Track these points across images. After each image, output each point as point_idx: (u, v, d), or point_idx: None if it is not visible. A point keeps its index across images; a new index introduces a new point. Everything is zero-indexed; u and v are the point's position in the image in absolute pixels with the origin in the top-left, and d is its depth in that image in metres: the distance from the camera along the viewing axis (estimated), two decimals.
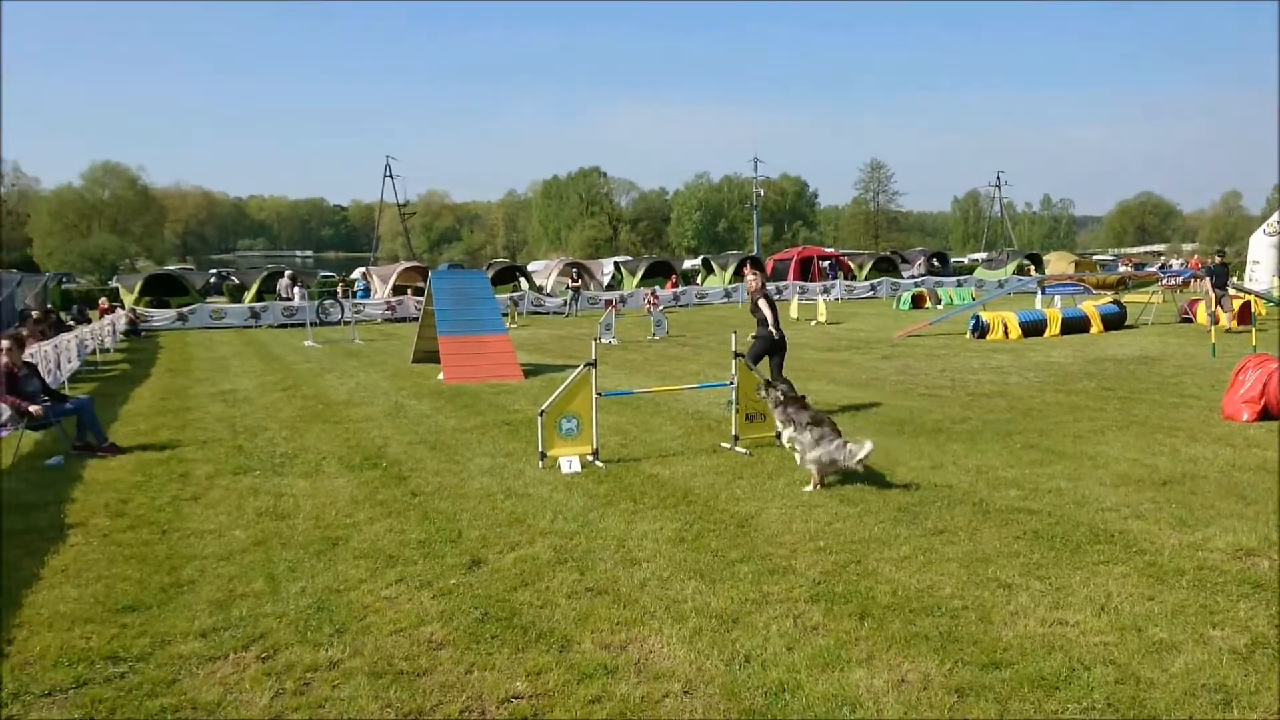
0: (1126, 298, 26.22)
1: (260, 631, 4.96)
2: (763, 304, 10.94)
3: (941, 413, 11.12)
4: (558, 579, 5.66)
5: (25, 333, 16.42)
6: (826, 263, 46.11)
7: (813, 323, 26.47)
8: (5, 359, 10.15)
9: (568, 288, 36.96)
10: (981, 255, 71.82)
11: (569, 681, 4.30)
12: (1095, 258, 70.12)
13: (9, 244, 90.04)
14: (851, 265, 47.38)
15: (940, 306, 31.63)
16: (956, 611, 4.96)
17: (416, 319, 21.03)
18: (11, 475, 9.07)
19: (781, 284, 41.34)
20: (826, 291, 38.93)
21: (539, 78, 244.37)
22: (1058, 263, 48.74)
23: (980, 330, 20.65)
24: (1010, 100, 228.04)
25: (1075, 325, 21.16)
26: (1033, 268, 47.42)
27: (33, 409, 9.89)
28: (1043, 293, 27.63)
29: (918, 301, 32.65)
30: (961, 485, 7.63)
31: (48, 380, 12.23)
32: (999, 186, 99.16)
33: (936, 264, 51.29)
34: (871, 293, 41.85)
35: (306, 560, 6.14)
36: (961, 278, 46.26)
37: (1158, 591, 5.17)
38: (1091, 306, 22.20)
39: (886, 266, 47.34)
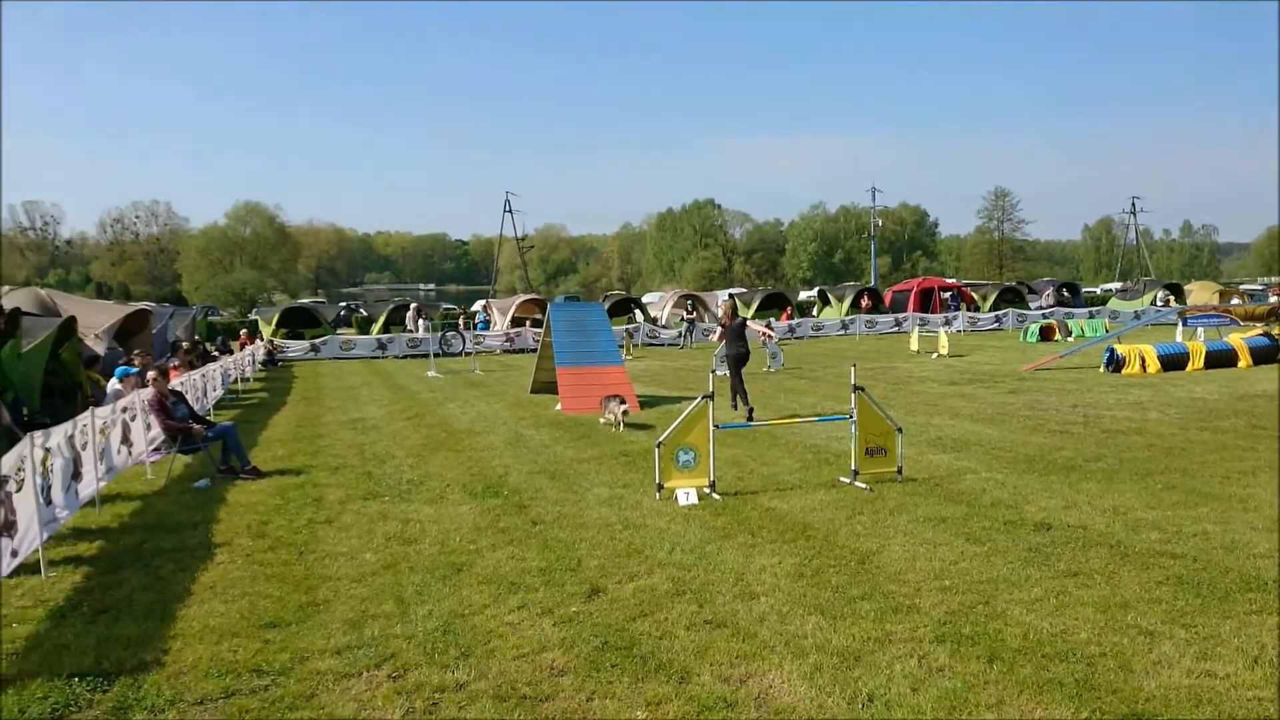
0: (1278, 330, 24.61)
1: (391, 651, 5.14)
2: (754, 324, 11.32)
3: (1074, 450, 10.67)
4: (676, 610, 5.68)
5: (175, 363, 17.57)
6: (948, 294, 44.97)
7: (934, 355, 25.82)
8: (154, 388, 10.90)
9: (682, 319, 37.13)
10: (1115, 285, 68.79)
11: (689, 713, 4.31)
12: (1243, 287, 66.12)
13: (163, 279, 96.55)
14: (975, 296, 46.05)
15: (1071, 339, 30.38)
16: (1093, 658, 4.74)
17: (535, 350, 21.49)
18: (165, 496, 9.67)
19: (900, 315, 40.52)
20: (948, 323, 37.92)
21: (653, 112, 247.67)
22: (1200, 292, 46.18)
23: (1115, 364, 19.75)
24: (1145, 123, 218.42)
25: (1221, 359, 19.98)
26: (1172, 298, 45.09)
27: (194, 427, 10.58)
28: (1184, 324, 26.22)
29: (1046, 334, 31.44)
30: (1097, 526, 7.30)
31: (195, 407, 13.03)
32: (1134, 213, 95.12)
33: (1066, 294, 49.35)
34: (996, 324, 40.54)
35: (433, 584, 6.33)
36: (1094, 309, 44.36)
37: None
38: (1239, 339, 20.95)
39: (1012, 297, 45.82)
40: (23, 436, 6.74)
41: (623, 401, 13.63)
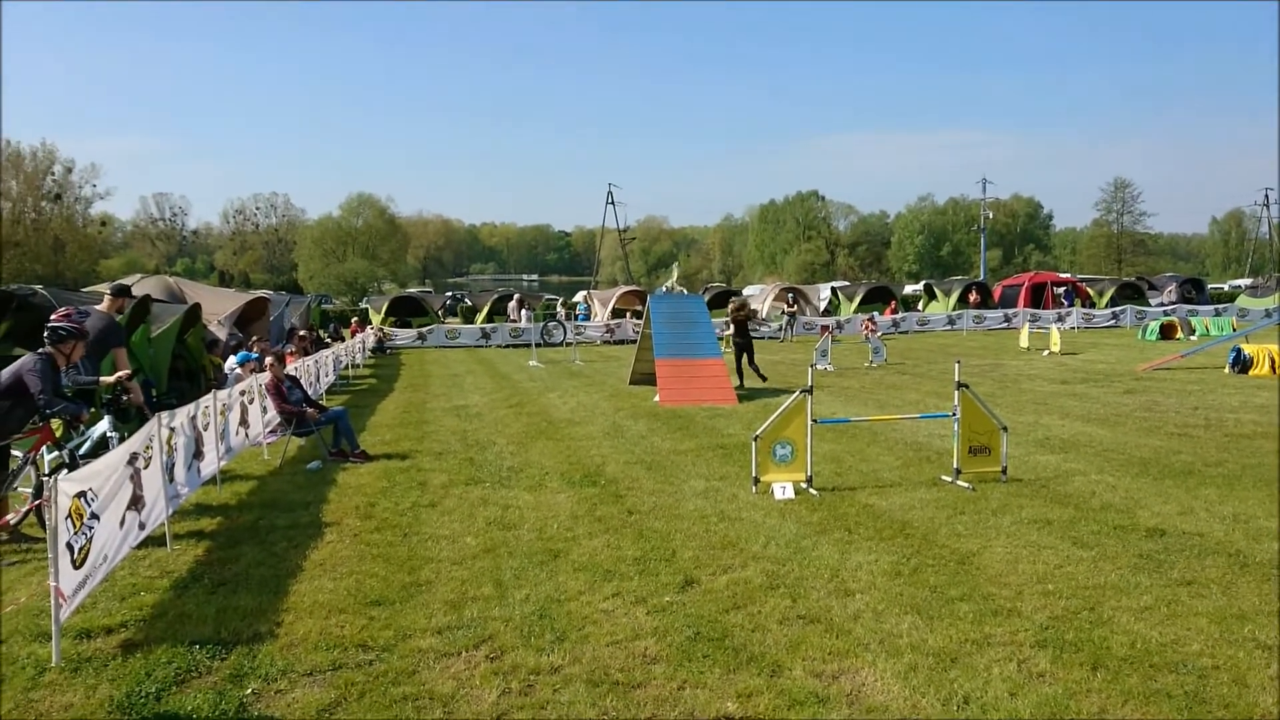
0: None
1: (489, 633, 5.29)
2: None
3: (1193, 454, 10.19)
4: (769, 604, 5.67)
5: (291, 349, 18.33)
6: (1062, 289, 43.30)
7: (1045, 353, 24.93)
8: (271, 373, 11.41)
9: (783, 313, 36.76)
10: (1245, 281, 65.10)
11: (780, 706, 4.31)
12: None
13: (280, 268, 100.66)
14: (1090, 292, 44.22)
15: (1194, 337, 28.92)
16: (1205, 671, 4.55)
17: (634, 342, 21.63)
18: (279, 476, 10.13)
19: (1010, 311, 39.23)
20: (1061, 320, 36.53)
21: (758, 104, 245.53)
22: None
23: (1242, 364, 18.72)
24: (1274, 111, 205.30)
25: None
26: None
27: (308, 411, 11.06)
28: None
29: (1167, 332, 30.00)
30: (1215, 534, 6.97)
31: (309, 392, 13.58)
32: (1266, 205, 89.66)
33: (1190, 291, 46.95)
34: (1113, 322, 38.87)
35: (530, 569, 6.48)
36: (1220, 306, 42.05)
37: None
38: None
39: (1131, 293, 43.83)
40: (151, 417, 7.16)
41: None
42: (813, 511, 7.92)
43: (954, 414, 9.03)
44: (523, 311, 37.50)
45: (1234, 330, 27.72)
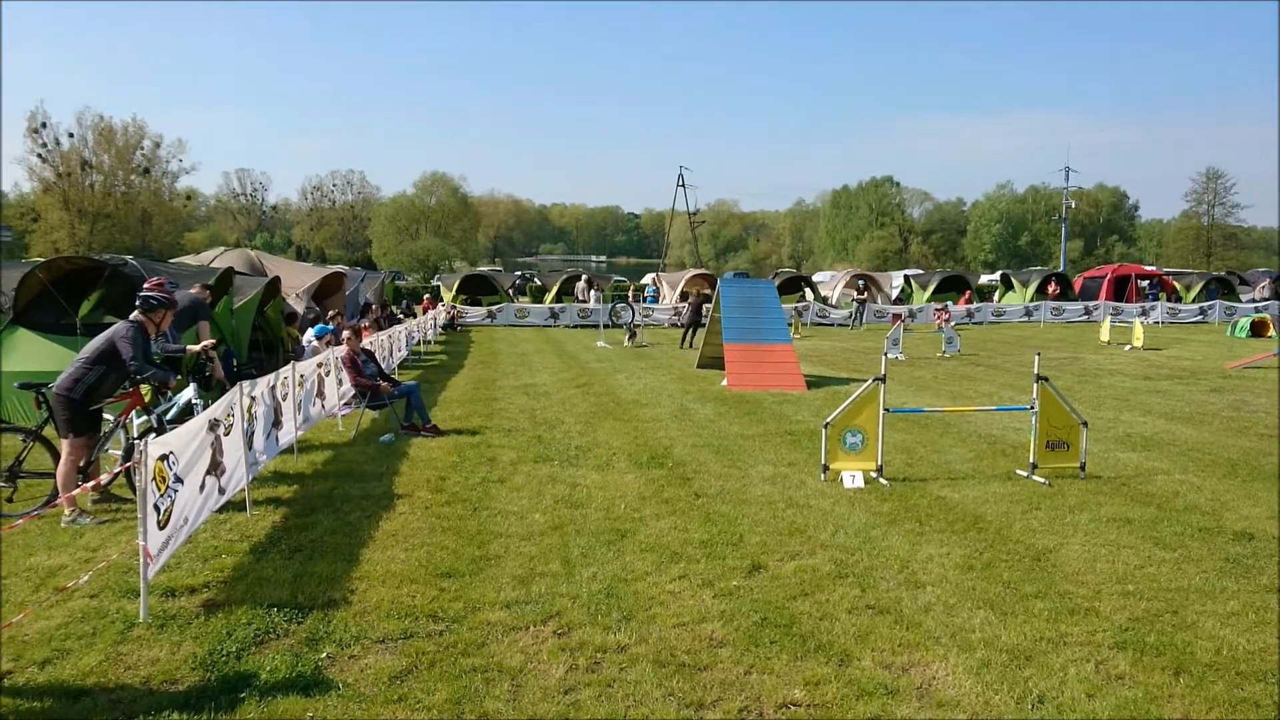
0: None
1: (556, 609, 5.34)
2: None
3: None
4: (838, 593, 5.61)
5: (365, 324, 18.69)
6: (1146, 282, 41.88)
7: (1127, 347, 24.16)
8: (348, 346, 11.64)
9: (853, 300, 36.27)
10: None
11: (847, 696, 4.27)
12: None
13: (355, 244, 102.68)
14: (1177, 285, 42.70)
15: None
16: None
17: (703, 325, 21.54)
18: (353, 447, 10.35)
19: (1091, 304, 38.10)
20: (1145, 314, 35.35)
21: (832, 88, 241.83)
22: None
23: None
24: None
25: None
26: None
27: (382, 385, 11.28)
28: None
29: (1258, 329, 28.80)
30: None
31: (383, 367, 13.84)
32: None
33: None
34: (1200, 317, 37.48)
35: (597, 548, 6.51)
36: None
37: None
38: None
39: (1220, 288, 42.19)
40: (230, 387, 7.36)
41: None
42: (883, 501, 7.81)
43: (1032, 407, 8.80)
44: (591, 292, 37.65)
45: None
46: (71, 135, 71.97)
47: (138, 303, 7.64)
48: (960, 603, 5.44)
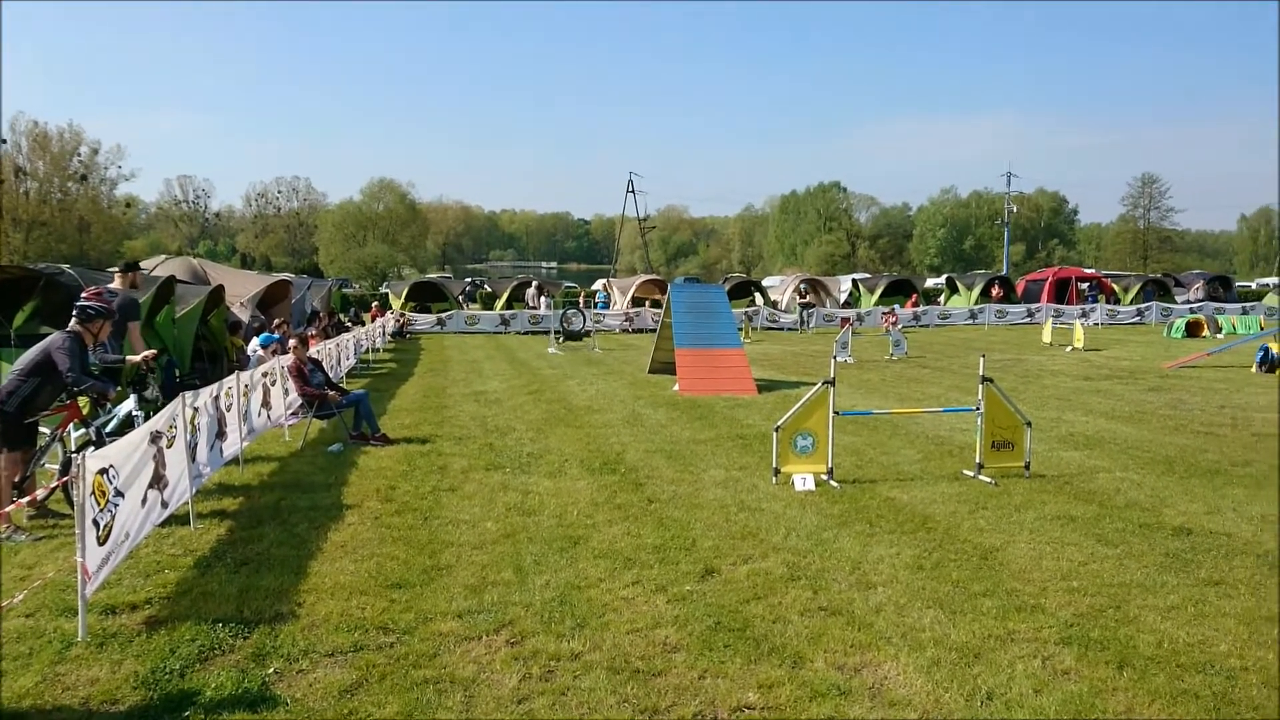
0: None
1: (509, 618, 5.29)
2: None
3: (1219, 453, 10.07)
4: (790, 595, 5.64)
5: (312, 332, 18.41)
6: (1086, 284, 42.89)
7: (1068, 349, 24.71)
8: (294, 355, 11.46)
9: (799, 304, 36.63)
10: (1273, 280, 64.25)
11: (801, 698, 4.29)
12: None
13: (301, 251, 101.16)
14: (1115, 288, 43.78)
15: (1220, 335, 28.60)
16: (1233, 672, 4.49)
17: (654, 330, 21.59)
18: (301, 458, 10.18)
19: (1034, 306, 38.90)
20: (1085, 315, 36.17)
21: (778, 95, 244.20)
22: None
23: (1269, 363, 18.48)
24: None
25: None
26: None
27: (330, 394, 11.11)
28: None
29: (1193, 329, 29.67)
30: (1242, 534, 6.88)
31: (330, 376, 13.64)
32: None
33: (1217, 288, 46.37)
34: (1138, 318, 38.49)
35: (550, 555, 6.47)
36: (1248, 304, 41.51)
37: None
38: None
39: (1157, 290, 43.36)
40: (147, 399, 7.20)
41: None
42: (833, 503, 7.88)
43: (978, 408, 8.96)
44: (542, 299, 37.52)
45: (1261, 329, 27.39)
46: (4, 141, 70.00)
47: (75, 312, 7.43)
48: (911, 602, 5.51)
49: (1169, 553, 6.43)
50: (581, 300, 41.09)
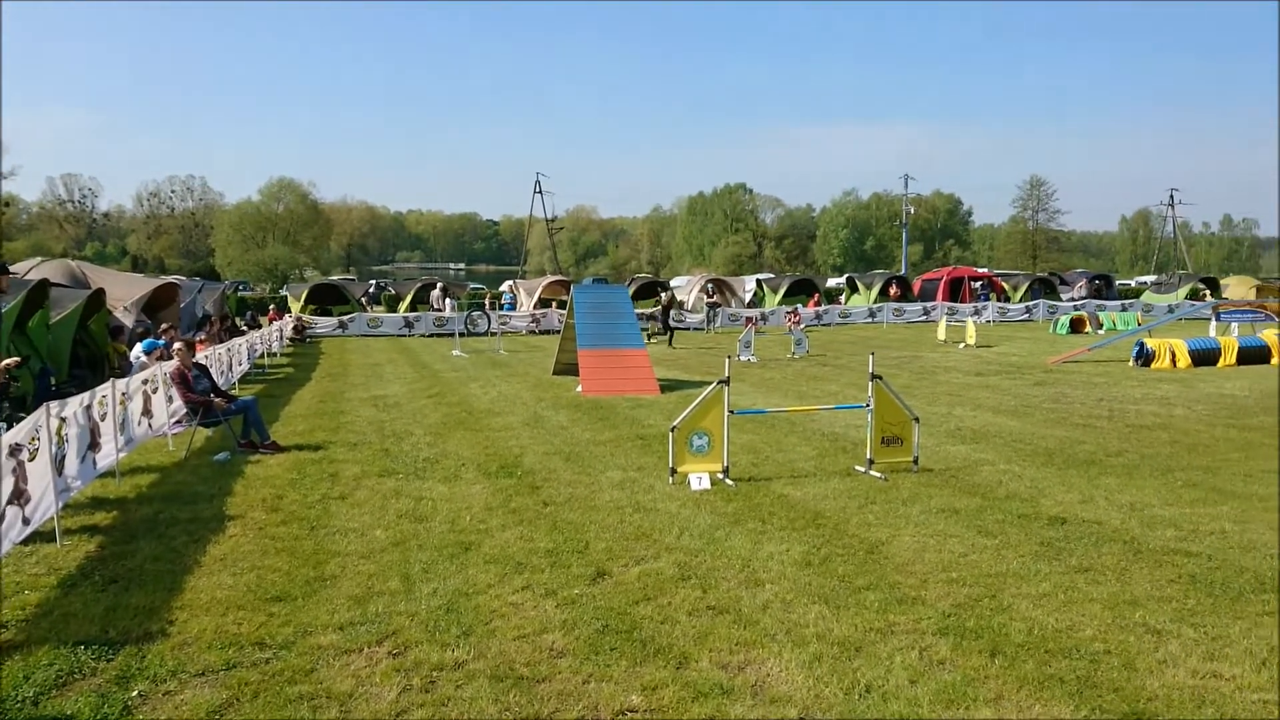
0: None
1: (393, 628, 5.17)
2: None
3: (1096, 444, 10.52)
4: (680, 595, 5.66)
5: (201, 337, 17.76)
6: (978, 283, 44.42)
7: (961, 345, 25.53)
8: (178, 361, 11.02)
9: (705, 304, 36.97)
10: (1150, 278, 67.66)
11: (684, 699, 4.29)
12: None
13: (197, 253, 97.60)
14: (1006, 286, 45.46)
15: (1102, 331, 29.96)
16: (1097, 655, 4.68)
17: (559, 332, 21.49)
18: (184, 468, 9.78)
19: (929, 304, 40.11)
20: (977, 313, 37.45)
21: (685, 95, 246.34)
22: (1238, 287, 45.34)
23: (1145, 358, 19.44)
24: (1186, 114, 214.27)
25: (1254, 355, 19.60)
26: (1208, 292, 44.30)
27: (215, 401, 10.69)
28: (1217, 319, 25.75)
29: (1077, 326, 31.01)
30: (1112, 522, 7.20)
31: (221, 382, 13.16)
32: (1172, 205, 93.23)
33: (1100, 286, 48.58)
34: (1026, 316, 40.02)
35: (440, 563, 6.36)
36: (1127, 302, 43.62)
37: None
38: (1273, 335, 20.54)
39: (1044, 288, 45.19)
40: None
41: None
42: (728, 502, 7.95)
43: (868, 405, 9.16)
44: (446, 300, 37.02)
45: (1139, 325, 28.78)
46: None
47: None
48: (797, 598, 5.58)
49: (1044, 542, 6.67)
50: (487, 302, 40.66)
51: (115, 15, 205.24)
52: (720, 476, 8.71)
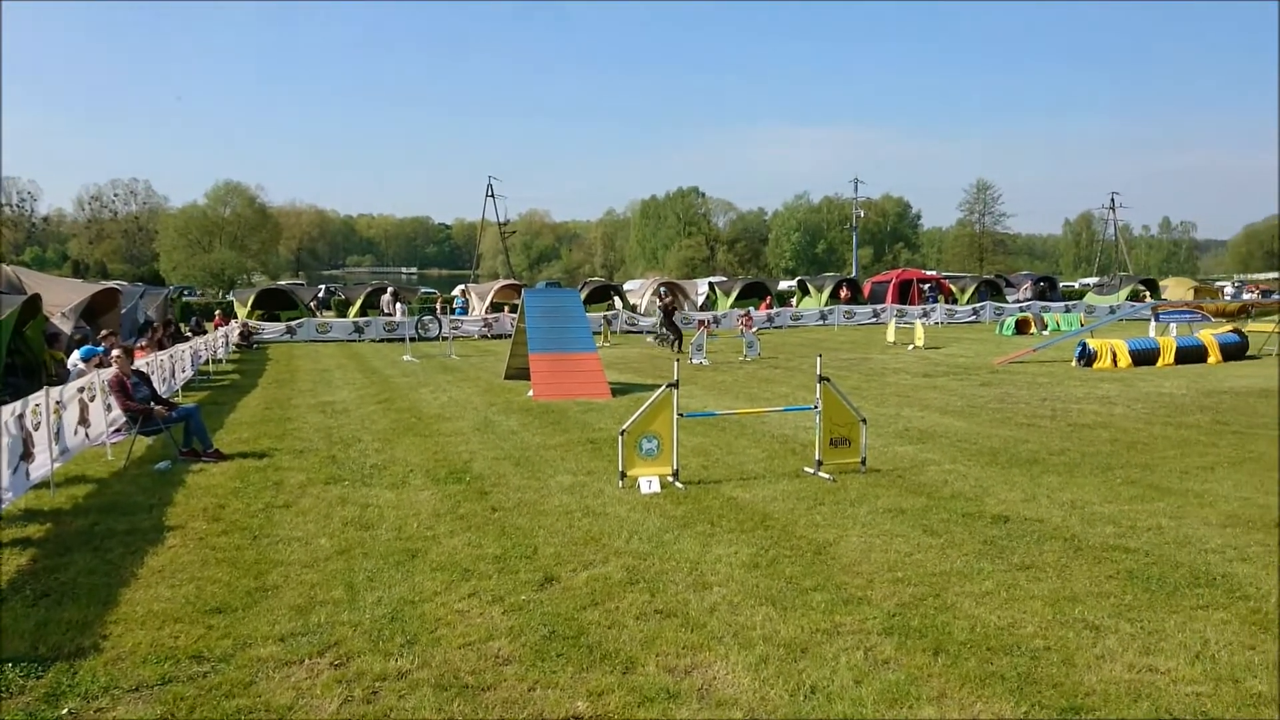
0: (1249, 327, 24.84)
1: (336, 639, 5.08)
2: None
3: (1039, 443, 10.71)
4: (628, 600, 5.64)
5: (143, 343, 17.36)
6: (927, 285, 45.12)
7: (910, 347, 25.89)
8: (116, 368, 10.75)
9: (659, 307, 37.06)
10: (1093, 280, 69.22)
11: (629, 704, 4.28)
12: (1219, 284, 66.68)
13: (140, 258, 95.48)
14: (953, 288, 46.23)
15: (1046, 332, 30.57)
16: (1038, 652, 4.75)
17: (512, 336, 21.37)
18: (123, 478, 9.55)
19: (879, 307, 40.63)
20: (926, 315, 38.02)
21: (638, 99, 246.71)
22: (1176, 288, 46.58)
23: (1087, 358, 19.87)
24: (1127, 120, 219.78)
25: (1191, 355, 20.16)
26: (1148, 294, 45.43)
27: (155, 409, 10.45)
28: (1156, 320, 26.42)
29: (1022, 327, 31.62)
30: (1054, 520, 7.32)
31: (163, 389, 12.87)
32: (1114, 209, 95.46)
33: (1044, 288, 49.61)
34: (973, 317, 40.73)
35: (385, 571, 6.27)
36: (1070, 303, 44.58)
37: (1260, 641, 4.85)
38: (1209, 335, 21.12)
39: (990, 290, 46.01)
40: None
41: None
42: (677, 505, 7.95)
43: (816, 407, 9.23)
44: (397, 305, 36.67)
45: (1081, 326, 29.41)
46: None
47: None
48: (744, 601, 5.59)
49: (987, 540, 6.77)
50: (438, 306, 40.33)
51: (50, 14, 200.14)
52: (670, 480, 8.71)
